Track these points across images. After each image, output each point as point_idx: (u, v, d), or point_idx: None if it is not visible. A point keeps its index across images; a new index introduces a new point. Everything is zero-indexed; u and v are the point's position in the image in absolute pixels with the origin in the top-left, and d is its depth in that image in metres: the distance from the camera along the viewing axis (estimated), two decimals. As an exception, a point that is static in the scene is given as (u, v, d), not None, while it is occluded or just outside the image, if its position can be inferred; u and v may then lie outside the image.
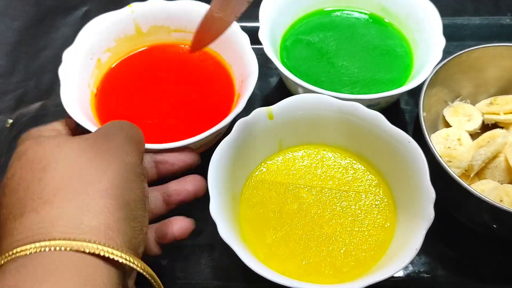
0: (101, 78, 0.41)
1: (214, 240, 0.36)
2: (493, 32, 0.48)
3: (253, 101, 0.37)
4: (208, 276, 0.35)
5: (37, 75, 0.46)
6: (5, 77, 0.46)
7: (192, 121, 0.39)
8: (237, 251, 0.28)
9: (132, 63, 0.43)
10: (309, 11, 0.46)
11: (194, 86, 0.41)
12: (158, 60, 0.43)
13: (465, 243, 0.36)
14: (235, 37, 0.40)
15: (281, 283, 0.28)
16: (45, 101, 0.44)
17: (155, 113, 0.39)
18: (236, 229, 0.32)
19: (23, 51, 0.48)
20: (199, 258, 0.36)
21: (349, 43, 0.41)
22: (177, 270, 0.35)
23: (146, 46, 0.43)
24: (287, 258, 0.32)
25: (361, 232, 0.33)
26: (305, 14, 0.46)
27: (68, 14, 0.50)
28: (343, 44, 0.44)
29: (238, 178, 0.35)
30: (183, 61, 0.43)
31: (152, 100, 0.40)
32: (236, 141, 0.33)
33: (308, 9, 0.46)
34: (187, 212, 0.38)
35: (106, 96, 0.40)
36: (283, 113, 0.35)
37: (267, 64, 0.44)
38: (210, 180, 0.31)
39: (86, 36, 0.40)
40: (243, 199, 0.35)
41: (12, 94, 0.45)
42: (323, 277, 0.32)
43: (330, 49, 0.44)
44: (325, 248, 0.33)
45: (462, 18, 0.47)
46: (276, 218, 0.34)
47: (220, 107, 0.39)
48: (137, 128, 0.29)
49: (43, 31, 0.49)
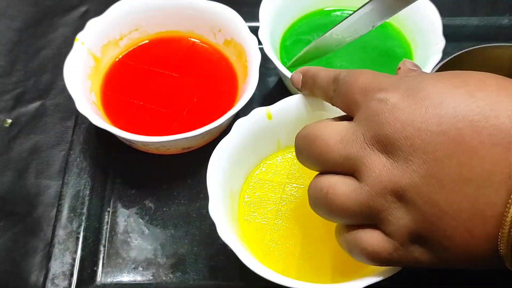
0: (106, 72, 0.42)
1: (212, 240, 0.36)
2: (492, 32, 0.48)
3: (252, 101, 0.37)
4: (206, 275, 0.35)
5: (36, 74, 0.46)
6: (4, 76, 0.46)
7: (192, 116, 0.39)
8: (236, 250, 0.28)
9: (137, 56, 0.43)
10: (309, 11, 0.46)
11: (198, 81, 0.42)
12: (163, 52, 0.43)
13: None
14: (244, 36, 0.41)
15: (279, 283, 0.28)
16: (44, 100, 0.44)
17: (159, 106, 0.40)
18: (235, 229, 0.32)
19: (22, 50, 0.48)
20: (196, 257, 0.36)
21: (348, 44, 0.41)
22: (175, 269, 0.35)
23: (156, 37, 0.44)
24: (286, 257, 0.32)
25: (360, 232, 0.33)
26: (305, 14, 0.46)
27: (67, 14, 0.50)
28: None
29: (237, 177, 0.35)
30: (188, 55, 0.43)
31: (155, 93, 0.41)
32: (235, 141, 0.33)
33: (308, 9, 0.46)
34: (184, 211, 0.38)
35: (110, 89, 0.41)
36: (282, 113, 0.35)
37: (265, 64, 0.45)
38: (209, 179, 0.31)
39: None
40: (241, 198, 0.35)
41: (11, 93, 0.45)
42: (322, 277, 0.32)
43: (332, 50, 0.44)
44: (324, 247, 0.33)
45: (460, 19, 0.47)
46: (275, 218, 0.34)
47: (222, 104, 0.40)
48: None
49: (42, 31, 0.49)
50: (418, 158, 0.23)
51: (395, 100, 0.24)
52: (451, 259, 0.23)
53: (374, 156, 0.24)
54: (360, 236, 0.25)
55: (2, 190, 0.39)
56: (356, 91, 0.26)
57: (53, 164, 0.41)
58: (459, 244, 0.22)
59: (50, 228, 0.37)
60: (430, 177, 0.22)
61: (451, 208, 0.22)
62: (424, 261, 0.24)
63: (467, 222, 0.22)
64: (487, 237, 0.22)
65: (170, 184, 0.39)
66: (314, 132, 0.27)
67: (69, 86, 0.37)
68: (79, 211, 0.36)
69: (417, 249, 0.24)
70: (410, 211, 0.23)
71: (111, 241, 0.36)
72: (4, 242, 0.37)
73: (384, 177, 0.24)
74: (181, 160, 0.39)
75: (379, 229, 0.25)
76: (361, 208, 0.24)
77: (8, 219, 0.38)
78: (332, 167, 0.26)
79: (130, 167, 0.40)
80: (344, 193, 0.25)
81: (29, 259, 0.36)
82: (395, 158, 0.23)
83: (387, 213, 0.24)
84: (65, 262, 0.34)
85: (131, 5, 0.42)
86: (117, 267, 0.35)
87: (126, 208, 0.38)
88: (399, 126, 0.23)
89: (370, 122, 0.25)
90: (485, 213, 0.22)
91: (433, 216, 0.22)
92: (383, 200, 0.24)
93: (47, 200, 0.39)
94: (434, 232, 0.23)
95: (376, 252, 0.25)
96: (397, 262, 0.25)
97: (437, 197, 0.22)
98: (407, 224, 0.23)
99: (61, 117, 0.43)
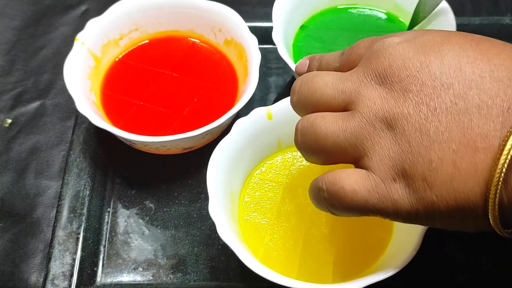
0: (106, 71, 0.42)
1: (213, 240, 0.36)
2: (493, 32, 0.48)
3: (252, 101, 0.37)
4: (206, 276, 0.35)
5: (35, 74, 0.46)
6: (4, 76, 0.46)
7: (192, 116, 0.39)
8: (236, 251, 0.28)
9: (137, 55, 0.43)
10: (322, 9, 0.46)
11: (198, 81, 0.41)
12: (163, 52, 0.43)
13: (466, 242, 0.36)
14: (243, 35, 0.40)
15: (279, 283, 0.28)
16: (43, 100, 0.44)
17: (159, 106, 0.40)
18: (235, 229, 0.32)
19: (22, 50, 0.48)
20: (197, 258, 0.36)
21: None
22: (175, 270, 0.35)
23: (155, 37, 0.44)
24: (286, 257, 0.32)
25: (360, 232, 0.33)
26: (318, 12, 0.46)
27: (66, 13, 0.50)
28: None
29: (237, 178, 0.35)
30: (188, 55, 0.43)
31: (155, 93, 0.41)
32: (235, 141, 0.33)
33: (320, 7, 0.46)
34: (185, 211, 0.38)
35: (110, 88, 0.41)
36: (282, 113, 0.35)
37: (266, 64, 0.44)
38: (209, 179, 0.31)
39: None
40: (242, 198, 0.35)
41: (10, 93, 0.45)
42: (322, 277, 0.32)
43: (343, 49, 0.43)
44: (324, 247, 0.33)
45: (462, 18, 0.47)
46: (275, 218, 0.34)
47: (222, 104, 0.40)
48: None
49: (42, 30, 0.49)
50: (415, 88, 0.23)
51: (400, 40, 0.24)
52: (432, 203, 0.22)
53: (371, 88, 0.24)
54: (339, 175, 0.24)
55: (2, 190, 0.39)
56: (361, 47, 0.27)
57: (53, 164, 0.40)
58: (443, 180, 0.21)
59: (50, 229, 0.37)
60: (423, 105, 0.22)
61: (441, 137, 0.21)
62: (404, 206, 0.22)
63: (455, 154, 0.21)
64: (474, 173, 0.21)
65: (171, 184, 0.39)
66: (313, 74, 0.27)
67: (69, 86, 0.37)
68: (79, 211, 0.36)
69: (398, 189, 0.23)
70: (398, 141, 0.22)
71: (111, 242, 0.36)
72: (4, 242, 0.37)
73: (377, 105, 0.23)
74: (181, 160, 0.39)
75: (361, 166, 0.24)
76: (348, 136, 0.24)
77: (7, 219, 0.38)
78: (326, 103, 0.25)
79: (130, 167, 0.40)
80: (333, 120, 0.24)
81: (29, 260, 0.36)
82: (392, 88, 0.23)
83: (374, 141, 0.23)
84: (65, 263, 0.34)
85: (131, 5, 0.42)
86: (117, 268, 0.35)
87: (126, 209, 0.38)
88: (401, 60, 0.23)
89: (372, 59, 0.25)
90: (476, 144, 0.21)
91: (420, 146, 0.22)
92: (372, 127, 0.23)
93: (46, 200, 0.39)
94: (419, 164, 0.22)
95: (354, 191, 0.23)
96: (374, 207, 0.23)
97: (428, 125, 0.22)
98: (392, 155, 0.23)
99: (61, 117, 0.43)
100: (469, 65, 0.22)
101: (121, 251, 0.36)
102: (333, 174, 0.24)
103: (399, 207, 0.23)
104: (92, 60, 0.40)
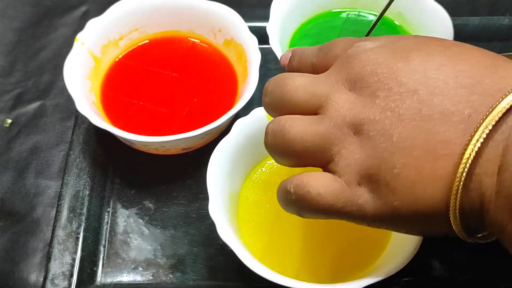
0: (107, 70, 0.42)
1: (212, 240, 0.36)
2: (492, 32, 0.48)
3: (252, 101, 0.37)
4: (205, 276, 0.35)
5: (36, 75, 0.46)
6: (4, 77, 0.46)
7: (192, 116, 0.39)
8: (236, 251, 0.28)
9: (137, 56, 0.43)
10: (318, 12, 0.46)
11: (198, 81, 0.42)
12: (163, 52, 0.43)
13: (466, 241, 0.36)
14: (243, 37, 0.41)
15: (279, 283, 0.28)
16: (43, 100, 0.44)
17: (159, 106, 0.40)
18: (235, 229, 0.32)
19: (22, 51, 0.48)
20: (196, 257, 0.36)
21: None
22: (175, 269, 0.35)
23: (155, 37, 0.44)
24: (285, 257, 0.32)
25: (359, 232, 0.33)
26: (314, 16, 0.46)
27: (67, 14, 0.50)
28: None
29: (237, 178, 0.35)
30: (188, 55, 0.43)
31: (155, 93, 0.41)
32: (235, 141, 0.33)
33: (317, 10, 0.46)
34: (184, 211, 0.38)
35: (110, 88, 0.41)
36: (282, 113, 0.35)
37: (266, 65, 0.45)
38: (209, 180, 0.31)
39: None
40: (241, 199, 0.35)
41: (10, 93, 0.45)
42: (321, 277, 0.32)
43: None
44: (323, 247, 0.33)
45: (460, 19, 0.47)
46: (274, 218, 0.34)
47: (222, 104, 0.40)
48: None
49: (42, 31, 0.49)
50: (382, 94, 0.23)
51: (373, 46, 0.25)
52: (395, 208, 0.22)
53: (342, 92, 0.24)
54: (307, 179, 0.24)
55: (2, 190, 0.39)
56: (338, 47, 0.27)
57: (52, 164, 0.41)
58: (405, 186, 0.22)
59: (49, 228, 0.37)
60: (389, 110, 0.22)
61: (404, 143, 0.22)
62: (369, 210, 0.23)
63: (417, 160, 0.21)
64: (435, 179, 0.21)
65: (170, 184, 0.39)
66: (286, 75, 0.26)
67: (69, 86, 0.37)
68: (78, 211, 0.36)
69: (363, 193, 0.23)
70: (364, 145, 0.23)
71: (111, 242, 0.36)
72: (4, 242, 0.37)
73: (345, 110, 0.23)
74: (181, 161, 0.39)
75: (329, 170, 0.24)
76: (316, 140, 0.24)
77: (7, 219, 0.38)
78: (297, 105, 0.25)
79: (130, 167, 0.40)
80: (302, 123, 0.24)
81: (28, 260, 0.36)
82: (362, 93, 0.23)
83: (341, 146, 0.23)
84: (65, 263, 0.34)
85: (131, 5, 0.42)
86: (116, 268, 0.35)
87: (126, 209, 0.38)
88: (371, 65, 0.24)
89: (344, 64, 0.25)
90: (438, 150, 0.21)
91: (385, 151, 0.22)
92: (340, 132, 0.23)
93: (46, 200, 0.39)
94: (383, 170, 0.22)
95: (320, 195, 0.23)
96: (340, 211, 0.23)
97: (392, 131, 0.22)
98: (358, 160, 0.23)
99: (61, 117, 0.43)
100: (434, 71, 0.22)
101: (120, 251, 0.36)
102: (301, 177, 0.24)
103: (364, 212, 0.23)
104: (92, 61, 0.40)
